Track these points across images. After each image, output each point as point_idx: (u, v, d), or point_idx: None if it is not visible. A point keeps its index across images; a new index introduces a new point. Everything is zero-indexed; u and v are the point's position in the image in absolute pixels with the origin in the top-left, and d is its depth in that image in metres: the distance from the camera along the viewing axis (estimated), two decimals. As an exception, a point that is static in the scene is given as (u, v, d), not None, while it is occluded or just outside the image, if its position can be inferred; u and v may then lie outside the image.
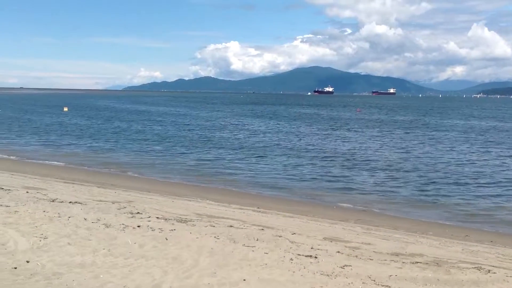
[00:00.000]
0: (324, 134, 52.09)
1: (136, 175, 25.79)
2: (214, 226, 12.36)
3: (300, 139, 46.03)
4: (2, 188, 15.66)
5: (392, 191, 22.74)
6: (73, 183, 20.23)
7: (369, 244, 12.18)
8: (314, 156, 33.84)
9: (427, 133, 55.46)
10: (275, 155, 34.07)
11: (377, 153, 36.44)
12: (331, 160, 31.95)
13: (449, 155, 35.42)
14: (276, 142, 42.78)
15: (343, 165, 29.94)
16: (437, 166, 29.85)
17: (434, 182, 24.75)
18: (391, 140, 46.32)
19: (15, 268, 7.87)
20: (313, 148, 39.02)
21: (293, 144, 41.38)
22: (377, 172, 27.62)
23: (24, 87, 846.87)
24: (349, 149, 38.30)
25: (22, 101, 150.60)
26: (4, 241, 9.22)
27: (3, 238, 9.39)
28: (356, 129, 60.34)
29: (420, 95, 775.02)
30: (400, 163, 31.14)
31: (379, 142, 44.78)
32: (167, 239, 10.30)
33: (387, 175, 26.85)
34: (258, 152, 35.76)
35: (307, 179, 25.38)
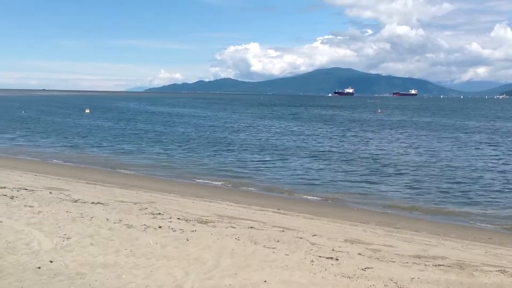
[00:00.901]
0: (345, 136, 51.81)
1: (157, 176, 25.95)
2: (234, 227, 12.37)
3: (321, 141, 45.87)
4: (26, 189, 15.89)
5: (414, 193, 22.53)
6: (95, 184, 20.44)
7: (391, 246, 12.09)
8: (334, 158, 33.69)
9: (449, 134, 54.84)
10: (296, 157, 34.01)
11: (398, 155, 36.13)
12: (352, 162, 31.77)
13: (472, 158, 34.98)
14: (297, 144, 42.68)
15: (364, 167, 29.74)
16: (460, 168, 29.48)
17: (457, 185, 24.46)
18: (413, 142, 45.88)
19: (39, 268, 7.98)
20: (333, 149, 38.84)
21: (314, 146, 41.25)
22: (398, 174, 27.39)
23: (46, 89, 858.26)
24: (370, 151, 38.06)
25: (44, 102, 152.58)
26: (28, 241, 9.35)
27: (27, 238, 9.52)
28: (377, 130, 59.92)
29: (441, 96, 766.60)
30: (422, 165, 30.83)
31: (401, 143, 44.39)
32: (188, 240, 10.34)
33: (408, 177, 26.61)
34: (279, 153, 35.73)
35: (328, 181, 25.27)
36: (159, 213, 13.46)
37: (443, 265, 10.24)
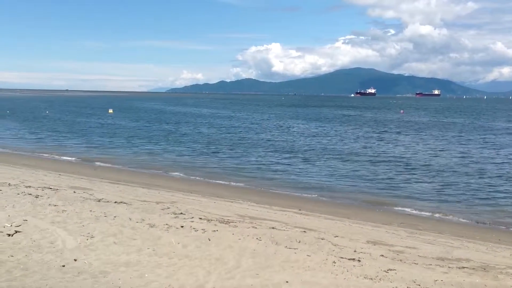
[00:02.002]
0: (367, 137, 51.48)
1: (179, 176, 26.10)
2: (256, 228, 12.38)
3: (343, 141, 45.65)
4: (50, 188, 16.11)
5: (437, 195, 22.30)
6: (118, 184, 20.64)
7: (414, 248, 11.99)
8: (356, 159, 33.50)
9: (474, 135, 54.11)
10: (318, 158, 33.90)
11: (421, 156, 35.78)
12: (373, 163, 31.56)
13: (497, 159, 34.47)
14: (319, 145, 42.54)
15: (386, 168, 29.53)
16: (485, 171, 29.05)
17: (482, 187, 24.13)
18: (436, 143, 45.38)
19: (63, 266, 8.08)
20: (356, 151, 38.63)
21: (336, 147, 41.06)
22: (421, 175, 27.12)
23: (69, 89, 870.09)
24: (393, 152, 37.75)
25: (68, 103, 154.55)
26: (52, 239, 9.47)
27: (51, 236, 9.65)
28: (399, 131, 59.38)
29: (464, 97, 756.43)
30: (446, 166, 30.48)
31: (424, 144, 43.93)
32: (209, 240, 10.38)
33: (431, 178, 26.34)
34: (301, 154, 35.66)
35: (349, 182, 25.14)
36: (181, 213, 13.54)
37: (467, 268, 10.12)
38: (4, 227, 9.96)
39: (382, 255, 10.59)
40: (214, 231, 11.33)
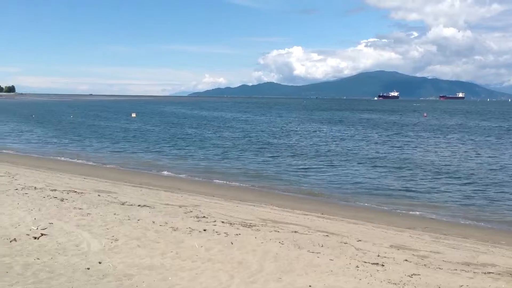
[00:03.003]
0: (390, 140, 51.05)
1: (201, 179, 26.20)
2: (278, 232, 12.38)
3: (366, 145, 45.34)
4: (76, 191, 16.32)
5: (462, 199, 22.01)
6: (141, 187, 20.81)
7: (438, 253, 11.85)
8: (379, 163, 33.24)
9: (500, 139, 53.30)
10: (341, 162, 33.74)
11: (446, 159, 35.36)
12: (397, 167, 31.26)
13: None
14: (342, 149, 42.34)
15: (410, 172, 29.23)
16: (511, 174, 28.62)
17: (507, 191, 23.74)
18: (462, 146, 44.81)
19: (88, 268, 8.18)
20: (378, 154, 38.34)
21: (359, 150, 40.81)
22: (446, 179, 26.80)
23: (93, 93, 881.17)
24: (416, 156, 37.39)
25: (92, 107, 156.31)
26: (77, 242, 9.60)
27: (77, 239, 9.78)
28: (423, 135, 58.79)
29: (488, 99, 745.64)
30: (471, 170, 30.04)
31: (448, 148, 43.41)
32: (232, 243, 10.40)
33: (456, 182, 26.01)
34: (324, 158, 35.53)
35: (372, 186, 24.96)
36: (204, 216, 13.60)
37: (492, 273, 9.97)
38: (31, 230, 10.12)
39: (406, 260, 10.50)
40: (237, 234, 11.36)
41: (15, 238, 9.43)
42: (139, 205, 14.62)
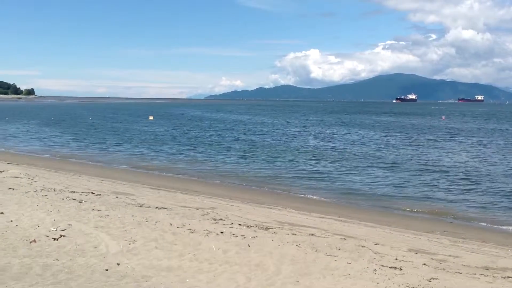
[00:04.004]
0: (408, 143, 50.72)
1: (218, 182, 26.27)
2: (295, 234, 12.34)
3: (383, 148, 45.09)
4: (94, 193, 16.45)
5: (481, 203, 21.76)
6: (158, 189, 20.92)
7: (457, 257, 11.73)
8: (397, 166, 33.04)
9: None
10: (357, 164, 33.59)
11: (465, 162, 35.02)
12: (414, 170, 31.05)
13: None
14: (358, 151, 42.15)
15: (428, 175, 29.00)
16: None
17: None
18: (481, 150, 44.35)
19: (107, 270, 8.22)
20: (396, 157, 38.10)
21: (375, 153, 40.59)
22: (464, 183, 26.54)
23: (111, 96, 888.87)
24: (434, 159, 37.06)
25: (110, 110, 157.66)
26: (96, 243, 9.67)
27: (95, 241, 9.85)
28: (441, 138, 58.29)
29: (507, 102, 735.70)
30: (491, 174, 29.72)
31: (467, 151, 43.00)
32: (249, 246, 10.39)
33: (476, 186, 25.75)
34: (340, 160, 35.42)
35: (390, 189, 24.81)
36: (221, 219, 13.62)
37: (513, 278, 9.85)
38: (50, 231, 10.22)
39: (425, 264, 10.40)
40: (254, 237, 11.35)
41: (34, 239, 9.53)
42: (156, 207, 14.69)
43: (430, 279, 9.10)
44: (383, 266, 9.75)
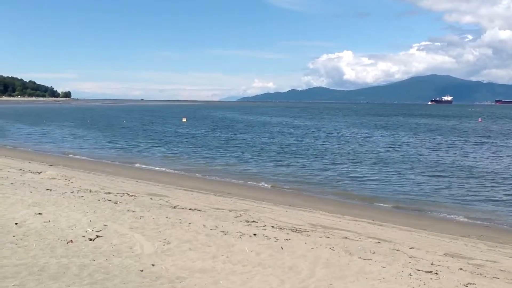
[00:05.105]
0: (445, 146, 49.87)
1: (250, 184, 26.30)
2: (329, 237, 12.27)
3: (420, 151, 44.40)
4: (129, 194, 16.68)
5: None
6: (192, 191, 21.07)
7: (495, 262, 11.48)
8: (433, 169, 32.52)
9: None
10: (391, 167, 33.20)
11: (503, 166, 34.24)
12: (452, 174, 30.46)
13: None
14: (393, 154, 41.67)
15: (464, 179, 28.45)
16: None
17: None
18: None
19: (142, 270, 8.32)
20: (432, 160, 37.50)
21: (413, 156, 39.98)
22: (502, 187, 25.94)
23: (144, 99, 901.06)
24: (472, 162, 36.35)
25: (144, 112, 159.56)
26: (131, 244, 9.79)
27: (130, 241, 9.98)
28: (478, 141, 57.13)
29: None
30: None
31: (505, 154, 42.01)
32: (282, 248, 10.37)
33: (513, 189, 25.14)
34: (374, 163, 35.06)
35: (426, 192, 24.43)
36: (254, 221, 13.63)
37: (554, 285, 9.57)
38: (86, 232, 10.40)
39: (461, 269, 10.21)
40: (287, 239, 11.32)
41: (71, 240, 9.72)
42: (190, 209, 14.80)
43: (467, 284, 8.92)
44: (419, 270, 9.60)
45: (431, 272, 9.57)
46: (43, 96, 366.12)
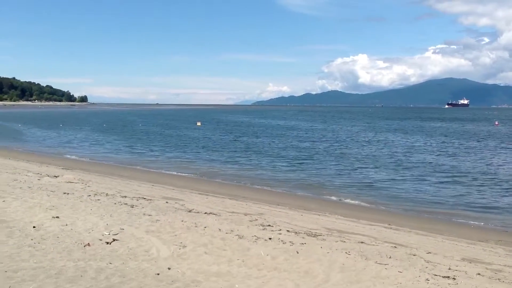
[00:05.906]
0: (461, 150, 49.44)
1: (265, 188, 26.28)
2: (344, 242, 12.22)
3: (437, 155, 44.05)
4: (145, 198, 16.77)
5: (538, 211, 20.96)
6: (207, 195, 21.12)
7: (513, 267, 11.33)
8: (448, 173, 32.23)
9: None
10: (407, 170, 32.99)
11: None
12: (468, 178, 30.16)
13: None
14: (409, 157, 41.36)
15: (480, 182, 28.16)
16: None
17: None
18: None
19: (158, 274, 8.34)
20: (450, 164, 37.17)
21: (430, 160, 39.68)
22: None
23: (159, 103, 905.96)
24: (490, 167, 35.94)
25: (159, 116, 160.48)
26: (147, 248, 9.83)
27: (146, 245, 10.02)
28: (496, 145, 56.53)
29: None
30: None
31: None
32: (298, 253, 10.35)
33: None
34: (390, 167, 34.85)
35: (443, 196, 24.21)
36: (269, 225, 13.62)
37: None
38: (103, 235, 10.47)
39: (479, 274, 10.10)
40: (302, 244, 11.30)
41: (88, 243, 9.79)
42: (205, 213, 14.84)
43: (485, 289, 8.84)
44: (436, 275, 9.52)
45: (448, 277, 9.48)
46: (60, 100, 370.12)
